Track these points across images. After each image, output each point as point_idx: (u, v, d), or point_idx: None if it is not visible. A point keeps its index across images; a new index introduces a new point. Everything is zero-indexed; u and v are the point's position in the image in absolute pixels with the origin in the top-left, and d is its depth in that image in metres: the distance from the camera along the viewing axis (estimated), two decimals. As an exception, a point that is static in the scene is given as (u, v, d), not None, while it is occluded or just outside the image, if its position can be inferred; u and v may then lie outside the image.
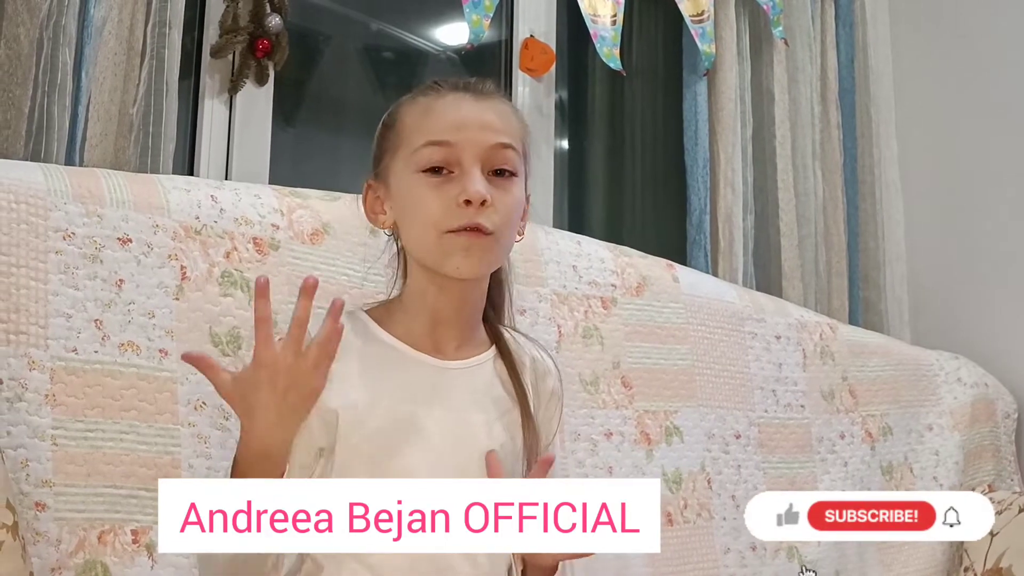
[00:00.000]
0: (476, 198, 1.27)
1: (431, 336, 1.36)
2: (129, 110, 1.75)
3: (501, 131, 1.33)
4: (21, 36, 1.60)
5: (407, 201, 1.33)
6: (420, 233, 1.32)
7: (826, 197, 2.78)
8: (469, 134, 1.31)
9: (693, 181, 2.53)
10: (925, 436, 2.40)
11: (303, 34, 2.21)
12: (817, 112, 2.78)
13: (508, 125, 1.36)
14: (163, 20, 1.78)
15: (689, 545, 1.95)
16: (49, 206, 1.45)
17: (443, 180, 1.30)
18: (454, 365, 1.36)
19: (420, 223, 1.31)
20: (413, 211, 1.32)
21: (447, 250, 1.29)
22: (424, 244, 1.32)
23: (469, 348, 1.38)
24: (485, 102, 1.35)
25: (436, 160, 1.30)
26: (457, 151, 1.30)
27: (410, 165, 1.32)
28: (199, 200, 1.60)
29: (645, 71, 2.74)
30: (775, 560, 2.06)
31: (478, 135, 1.31)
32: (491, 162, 1.32)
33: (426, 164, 1.30)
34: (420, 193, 1.30)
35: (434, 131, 1.31)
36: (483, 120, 1.33)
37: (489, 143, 1.31)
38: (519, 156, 1.35)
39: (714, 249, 2.52)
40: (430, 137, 1.31)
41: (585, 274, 1.99)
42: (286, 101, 2.15)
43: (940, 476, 2.37)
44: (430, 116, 1.33)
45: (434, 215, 1.29)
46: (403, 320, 1.36)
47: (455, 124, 1.31)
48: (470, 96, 1.35)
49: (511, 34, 2.51)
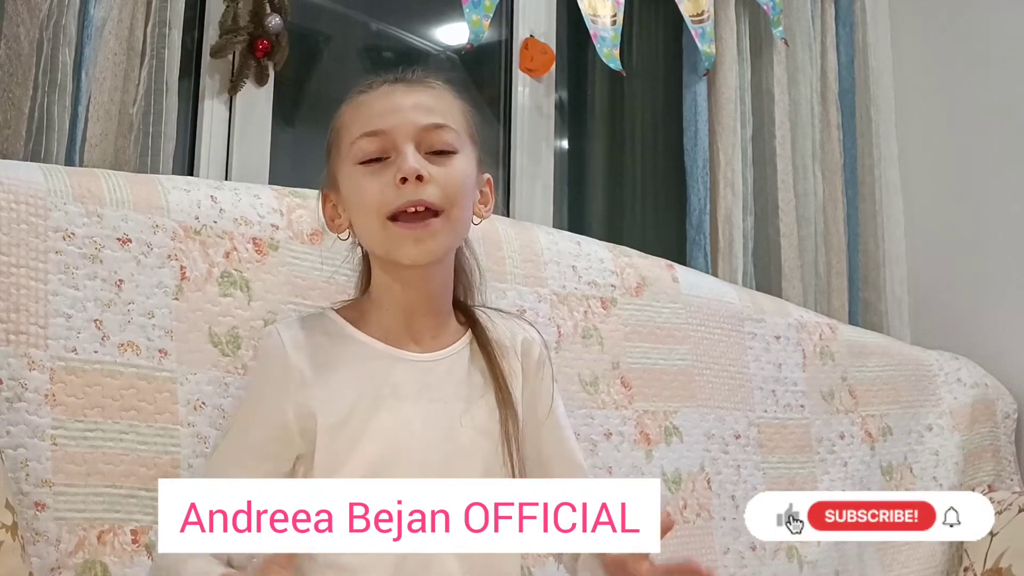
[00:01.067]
0: (411, 173, 1.26)
1: (407, 330, 1.35)
2: (129, 110, 1.75)
3: (433, 111, 1.32)
4: (21, 36, 1.60)
5: (351, 194, 1.33)
6: (366, 223, 1.31)
7: (826, 197, 2.78)
8: (399, 117, 1.30)
9: (693, 181, 2.53)
10: (925, 436, 2.40)
11: (303, 34, 2.21)
12: (817, 112, 2.78)
13: (442, 105, 1.35)
14: (163, 20, 1.79)
15: (688, 545, 1.95)
16: (49, 206, 1.45)
17: (381, 167, 1.30)
18: (434, 356, 1.35)
19: (364, 213, 1.31)
20: (357, 203, 1.32)
21: (396, 239, 1.28)
22: (372, 234, 1.32)
23: (446, 336, 1.37)
24: (416, 87, 1.35)
25: (371, 150, 1.30)
26: (390, 136, 1.29)
27: (349, 160, 1.32)
28: (199, 200, 1.60)
29: (645, 71, 2.74)
30: (775, 560, 2.06)
31: (408, 117, 1.31)
32: (427, 143, 1.31)
33: (363, 156, 1.31)
34: (360, 183, 1.30)
35: (366, 123, 1.31)
36: (414, 103, 1.32)
37: (421, 124, 1.31)
38: (459, 135, 1.34)
39: (714, 249, 2.52)
40: (363, 129, 1.31)
41: (585, 274, 1.99)
42: (286, 101, 2.15)
43: (940, 476, 2.37)
44: (362, 109, 1.33)
45: (375, 200, 1.28)
46: (377, 318, 1.36)
47: (385, 111, 1.31)
48: (401, 85, 1.35)
49: (511, 34, 2.51)
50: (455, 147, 1.32)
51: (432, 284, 1.36)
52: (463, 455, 1.29)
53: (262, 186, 1.76)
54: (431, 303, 1.36)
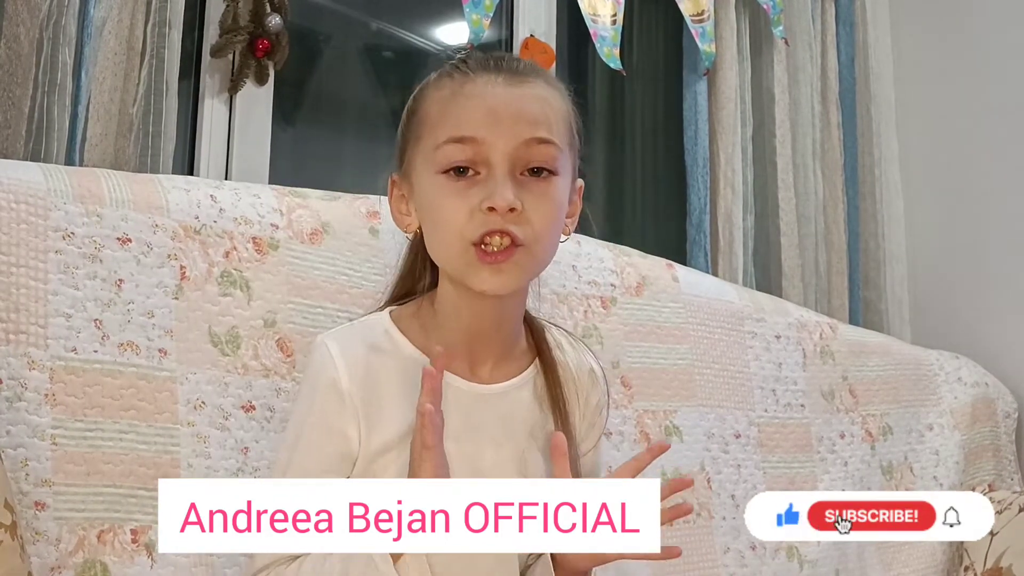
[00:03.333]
0: (502, 207, 1.11)
1: (467, 354, 1.24)
2: (129, 110, 1.75)
3: (539, 123, 1.15)
4: (21, 36, 1.60)
5: (429, 206, 1.18)
6: (443, 243, 1.17)
7: (826, 197, 2.78)
8: (499, 128, 1.13)
9: (693, 181, 2.53)
10: (925, 436, 2.40)
11: (303, 34, 2.21)
12: (817, 112, 2.78)
13: (549, 113, 1.18)
14: (163, 20, 1.78)
15: (689, 545, 1.95)
16: (49, 206, 1.45)
17: (468, 184, 1.14)
18: (489, 391, 1.24)
19: (442, 232, 1.16)
20: (435, 218, 1.17)
21: (475, 267, 1.14)
22: (448, 256, 1.18)
23: (508, 365, 1.27)
24: (521, 87, 1.17)
25: (460, 160, 1.14)
26: (484, 149, 1.13)
27: (432, 164, 1.16)
28: (198, 200, 1.60)
29: (645, 71, 2.74)
30: (775, 560, 2.06)
31: (510, 129, 1.14)
32: (525, 160, 1.15)
33: (448, 164, 1.15)
34: (442, 198, 1.15)
35: (459, 125, 1.14)
36: (517, 110, 1.15)
37: (523, 138, 1.14)
38: (562, 152, 1.18)
39: (714, 249, 2.52)
40: (453, 132, 1.14)
41: (585, 274, 1.99)
42: (286, 101, 2.15)
43: (940, 476, 2.37)
44: (454, 105, 1.16)
45: (458, 224, 1.14)
46: (436, 334, 1.23)
47: (483, 116, 1.14)
48: (503, 79, 1.17)
49: (511, 34, 2.51)
50: (556, 168, 1.17)
51: (505, 312, 1.24)
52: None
53: (262, 186, 1.75)
54: (500, 330, 1.25)
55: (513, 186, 1.13)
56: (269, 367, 1.56)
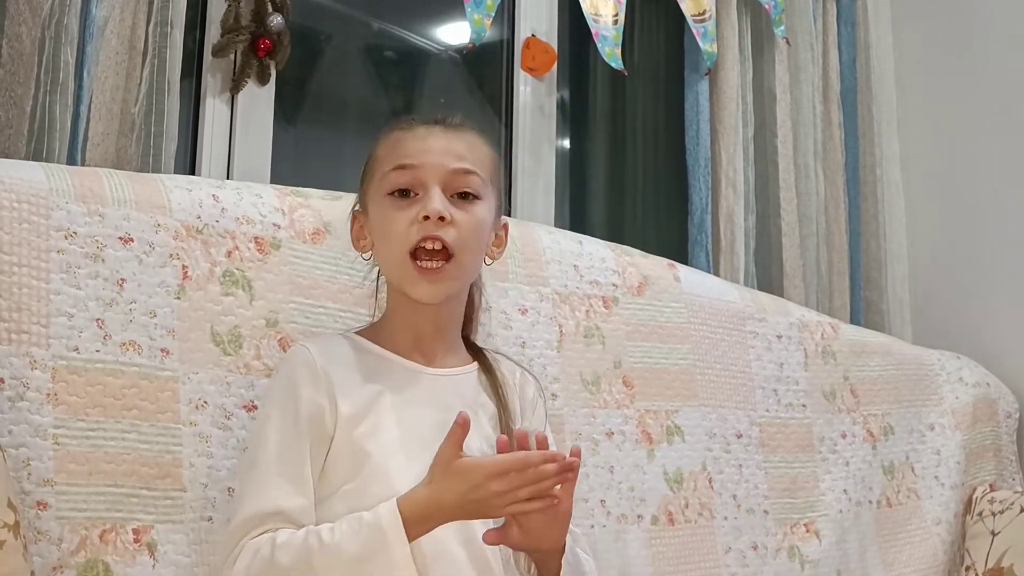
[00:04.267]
0: (433, 214, 1.36)
1: (418, 349, 1.46)
2: (131, 109, 1.75)
3: (465, 158, 1.42)
4: (23, 35, 1.60)
5: (378, 223, 1.43)
6: (389, 254, 1.42)
7: (828, 197, 2.78)
8: (433, 158, 1.40)
9: (695, 180, 2.53)
10: (927, 436, 2.40)
11: (305, 33, 2.21)
12: (819, 111, 2.78)
13: (474, 154, 1.44)
14: (165, 19, 1.78)
15: (690, 545, 1.95)
16: (51, 205, 1.45)
17: (409, 202, 1.39)
18: (442, 372, 1.46)
19: (387, 244, 1.41)
20: (382, 232, 1.42)
21: (412, 277, 1.39)
22: (392, 266, 1.43)
23: (454, 359, 1.49)
24: (453, 132, 1.45)
25: (402, 183, 1.40)
26: (421, 173, 1.39)
27: (380, 190, 1.42)
28: (200, 199, 1.60)
29: (647, 70, 2.74)
30: (776, 559, 2.06)
31: (441, 159, 1.40)
32: (454, 185, 1.40)
33: (393, 187, 1.40)
34: (387, 214, 1.40)
35: (401, 156, 1.41)
36: (448, 147, 1.42)
37: (451, 167, 1.40)
38: (484, 183, 1.44)
39: (715, 248, 2.52)
40: (396, 162, 1.41)
41: (587, 273, 1.99)
42: (288, 100, 2.15)
43: (942, 476, 2.37)
44: (400, 144, 1.43)
45: (399, 234, 1.38)
46: (390, 338, 1.46)
47: (421, 150, 1.41)
48: (439, 127, 1.44)
49: (513, 33, 2.51)
50: (479, 193, 1.43)
51: (441, 316, 1.47)
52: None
53: (264, 185, 1.75)
54: (439, 331, 1.47)
55: (443, 201, 1.38)
56: (271, 367, 1.56)
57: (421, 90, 2.53)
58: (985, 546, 2.21)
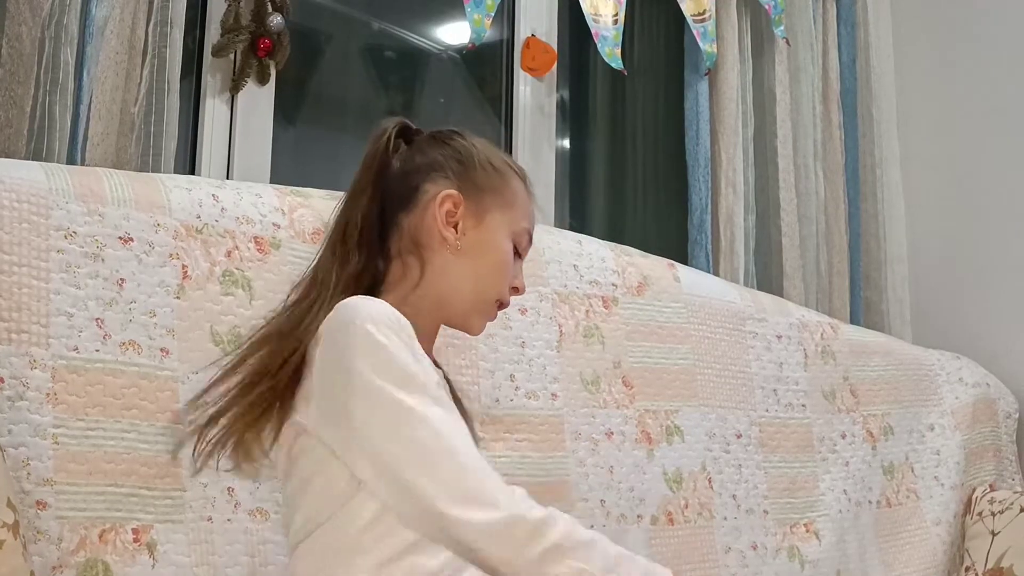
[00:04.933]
0: (523, 292, 1.47)
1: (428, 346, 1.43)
2: (131, 109, 1.75)
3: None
4: (23, 35, 1.60)
5: (493, 257, 1.42)
6: (481, 290, 1.42)
7: (827, 197, 2.78)
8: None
9: (694, 180, 2.53)
10: (926, 436, 2.40)
11: (305, 33, 2.21)
12: (819, 112, 2.78)
13: None
14: (165, 19, 1.79)
15: (690, 544, 1.95)
16: (51, 205, 1.45)
17: (515, 261, 1.45)
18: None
19: (489, 283, 1.42)
20: (491, 269, 1.42)
21: (483, 314, 1.43)
22: (476, 300, 1.42)
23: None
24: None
25: (522, 245, 1.45)
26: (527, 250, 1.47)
27: (509, 232, 1.43)
28: (200, 199, 1.60)
29: (646, 70, 2.74)
30: (776, 559, 2.06)
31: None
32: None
33: (519, 245, 1.45)
34: (506, 261, 1.42)
35: (530, 222, 1.46)
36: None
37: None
38: None
39: (715, 249, 2.52)
40: (530, 227, 1.46)
41: (586, 273, 1.99)
42: (288, 100, 2.15)
43: (941, 476, 2.37)
44: (528, 206, 1.47)
45: (500, 287, 1.42)
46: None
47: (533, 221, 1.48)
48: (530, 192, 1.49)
49: (512, 33, 2.51)
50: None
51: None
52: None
53: (264, 185, 1.75)
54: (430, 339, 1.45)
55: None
56: (270, 366, 1.56)
57: (421, 90, 2.53)
58: (985, 546, 2.21)
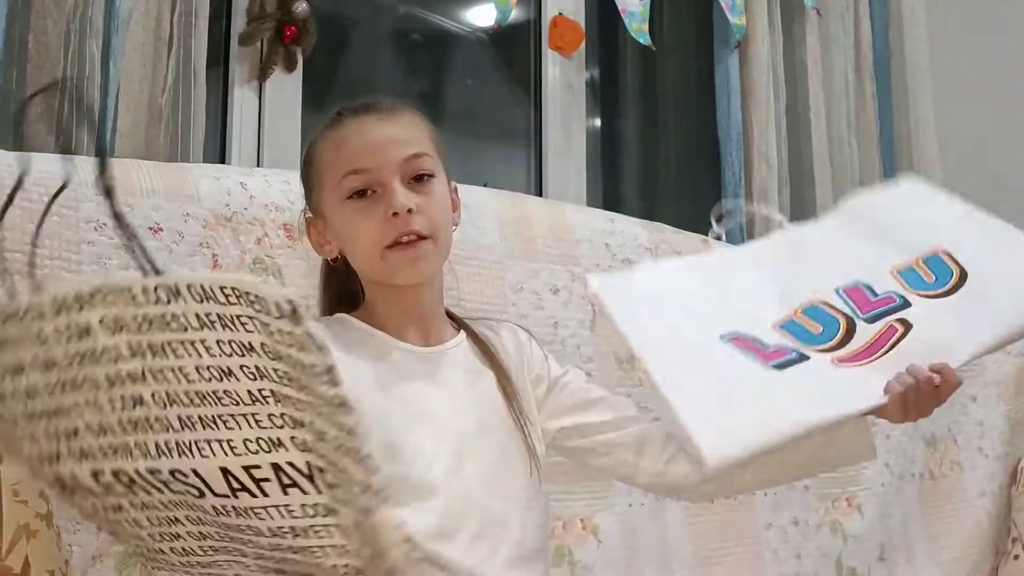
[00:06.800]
0: (401, 209, 1.35)
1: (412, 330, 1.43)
2: (158, 100, 1.76)
3: (410, 141, 1.40)
4: (48, 29, 1.61)
5: (344, 230, 1.40)
6: (364, 256, 1.39)
7: (863, 168, 2.75)
8: (381, 154, 1.38)
9: (727, 156, 2.52)
10: (969, 407, 2.37)
11: (330, 19, 2.21)
12: (852, 83, 2.75)
13: (414, 133, 1.43)
14: (189, 9, 1.79)
15: (730, 521, 1.94)
16: (80, 197, 1.46)
17: (370, 202, 1.37)
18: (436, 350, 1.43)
19: (361, 247, 1.39)
20: (352, 238, 1.39)
21: (393, 265, 1.37)
22: (371, 265, 1.39)
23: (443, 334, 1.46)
24: (387, 118, 1.42)
25: (358, 186, 1.37)
26: (374, 173, 1.37)
27: (337, 196, 1.39)
28: (229, 188, 1.60)
29: (675, 46, 2.72)
30: (818, 534, 2.05)
31: (389, 151, 1.38)
32: (408, 172, 1.38)
33: (350, 191, 1.37)
34: (353, 220, 1.38)
35: (349, 161, 1.38)
36: (389, 136, 1.40)
37: (401, 157, 1.38)
38: (433, 159, 1.42)
39: (749, 224, 2.50)
40: (347, 167, 1.38)
41: (619, 252, 1.98)
42: (315, 87, 2.15)
43: (985, 447, 2.35)
44: (341, 147, 1.40)
45: (371, 236, 1.36)
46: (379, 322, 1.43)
47: (365, 147, 1.38)
48: (372, 117, 1.42)
49: (539, 13, 2.50)
50: (433, 171, 1.41)
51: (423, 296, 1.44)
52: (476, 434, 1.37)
53: (292, 172, 1.74)
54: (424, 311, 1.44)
55: (406, 193, 1.36)
56: (303, 353, 1.56)
57: (449, 73, 2.53)
58: (1032, 517, 2.19)
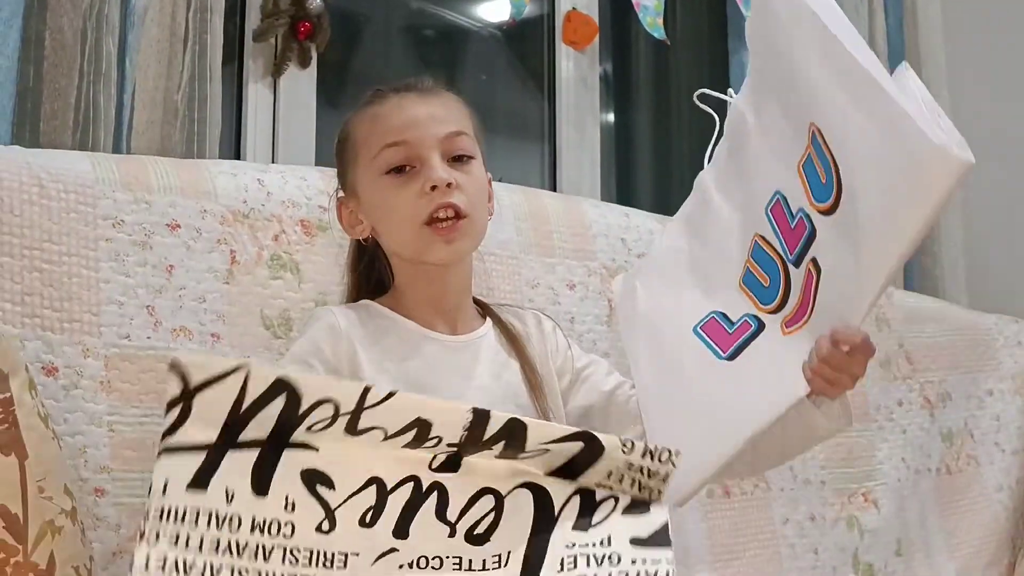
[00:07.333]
0: (441, 183, 1.33)
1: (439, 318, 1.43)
2: (174, 96, 1.75)
3: (450, 120, 1.39)
4: (65, 26, 1.61)
5: (379, 205, 1.40)
6: (399, 230, 1.39)
7: (878, 162, 2.73)
8: (421, 129, 1.37)
9: (741, 150, 2.50)
10: (985, 401, 2.36)
11: (344, 15, 2.21)
12: (866, 76, 2.74)
13: (455, 114, 1.42)
14: (204, 5, 1.78)
15: (747, 516, 1.94)
16: (98, 194, 1.46)
17: (408, 177, 1.36)
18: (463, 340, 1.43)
19: (396, 221, 1.38)
20: (387, 212, 1.39)
21: (428, 242, 1.36)
22: (405, 240, 1.39)
23: (471, 323, 1.46)
24: (429, 96, 1.41)
25: (397, 160, 1.36)
26: (414, 147, 1.36)
27: (373, 171, 1.38)
28: (246, 184, 1.60)
29: (690, 40, 2.71)
30: (834, 529, 2.04)
31: (429, 127, 1.37)
32: (448, 150, 1.37)
33: (388, 166, 1.37)
34: (389, 193, 1.37)
35: (388, 134, 1.37)
36: (430, 113, 1.39)
37: (442, 133, 1.37)
38: (473, 141, 1.42)
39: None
40: (386, 139, 1.37)
41: (635, 247, 1.97)
42: (330, 82, 2.15)
43: (1002, 441, 2.34)
44: (379, 121, 1.39)
45: (408, 209, 1.35)
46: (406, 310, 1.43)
47: (406, 123, 1.38)
48: (413, 95, 1.41)
49: (553, 7, 2.49)
50: (472, 152, 1.41)
51: (453, 281, 1.44)
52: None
53: (309, 168, 1.76)
54: (453, 297, 1.44)
55: (446, 168, 1.36)
56: (321, 349, 1.56)
57: (462, 68, 2.52)
58: (1049, 511, 2.19)
